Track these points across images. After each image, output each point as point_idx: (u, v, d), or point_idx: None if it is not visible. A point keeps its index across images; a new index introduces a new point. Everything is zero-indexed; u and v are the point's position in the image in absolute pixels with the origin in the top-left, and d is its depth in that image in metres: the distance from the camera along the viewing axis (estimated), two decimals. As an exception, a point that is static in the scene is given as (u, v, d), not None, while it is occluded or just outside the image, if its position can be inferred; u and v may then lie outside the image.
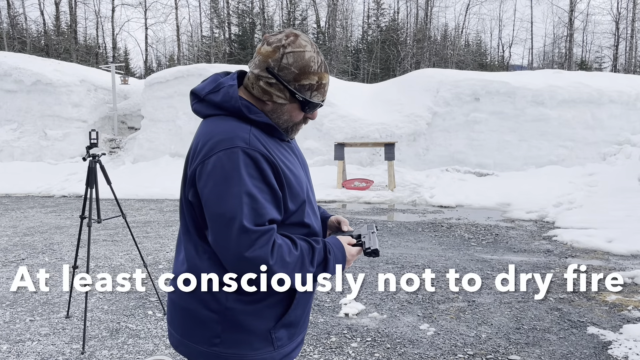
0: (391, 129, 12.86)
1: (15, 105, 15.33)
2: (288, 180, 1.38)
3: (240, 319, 1.38)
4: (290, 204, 1.39)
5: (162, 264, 5.63)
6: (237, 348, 1.38)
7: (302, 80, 1.36)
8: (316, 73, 1.37)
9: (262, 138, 1.37)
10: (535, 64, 40.78)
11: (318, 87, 1.39)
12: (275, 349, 1.42)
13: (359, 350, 3.40)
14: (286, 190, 1.37)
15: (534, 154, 12.14)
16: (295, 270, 1.33)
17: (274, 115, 1.42)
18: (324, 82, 1.40)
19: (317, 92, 1.40)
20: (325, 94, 1.43)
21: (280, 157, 1.38)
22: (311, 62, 1.37)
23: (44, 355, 3.35)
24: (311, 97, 1.39)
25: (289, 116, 1.42)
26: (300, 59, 1.35)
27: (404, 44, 37.11)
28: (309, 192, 1.48)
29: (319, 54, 1.40)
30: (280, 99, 1.39)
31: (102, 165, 3.89)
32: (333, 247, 1.42)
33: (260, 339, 1.40)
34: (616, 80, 13.24)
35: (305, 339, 1.62)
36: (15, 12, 32.43)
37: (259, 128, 1.39)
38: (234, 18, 36.79)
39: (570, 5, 33.92)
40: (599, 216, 7.71)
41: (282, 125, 1.44)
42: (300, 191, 1.42)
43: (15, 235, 7.26)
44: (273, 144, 1.40)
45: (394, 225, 7.98)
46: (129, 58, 40.11)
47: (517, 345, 3.48)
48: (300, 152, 1.60)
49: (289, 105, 1.40)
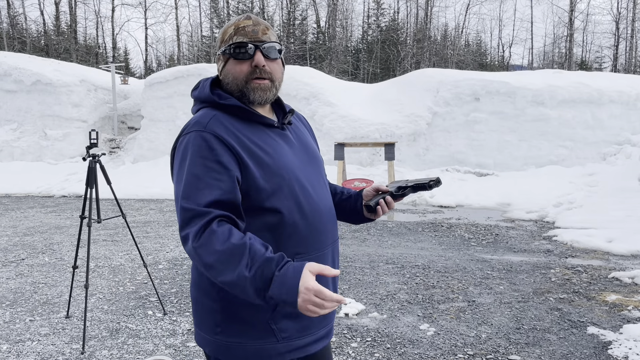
0: (391, 129, 12.86)
1: (15, 105, 15.33)
2: (258, 160, 1.35)
3: (237, 309, 1.38)
4: (264, 183, 1.34)
5: (162, 264, 5.63)
6: (237, 337, 1.38)
7: (224, 38, 1.43)
8: (232, 24, 1.43)
9: (230, 122, 1.38)
10: (535, 64, 40.82)
11: (236, 32, 1.40)
12: (280, 340, 1.38)
13: (359, 350, 3.40)
14: (253, 169, 1.33)
15: (534, 154, 12.14)
16: (226, 263, 1.21)
17: (228, 84, 1.44)
18: (242, 25, 1.41)
19: (236, 35, 1.40)
20: (252, 35, 1.40)
21: (250, 139, 1.37)
22: (230, 22, 1.44)
23: (44, 355, 3.35)
24: (233, 42, 1.40)
25: (232, 74, 1.42)
26: (224, 27, 1.46)
27: (404, 44, 37.12)
28: (298, 178, 1.42)
29: (249, 14, 1.46)
30: (220, 65, 1.45)
31: (102, 165, 3.89)
32: (289, 266, 1.20)
33: (259, 329, 1.38)
34: (616, 80, 13.23)
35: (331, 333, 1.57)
36: (15, 12, 32.44)
37: (231, 113, 1.41)
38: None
39: (570, 5, 33.93)
40: (599, 216, 7.71)
41: (235, 89, 1.43)
42: (281, 173, 1.37)
43: (15, 235, 7.26)
44: (248, 128, 1.40)
45: (394, 225, 7.98)
46: (129, 58, 40.15)
47: (517, 345, 3.48)
48: (306, 141, 1.57)
49: (226, 65, 1.43)
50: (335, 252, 1.54)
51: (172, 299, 4.44)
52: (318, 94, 13.36)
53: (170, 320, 3.95)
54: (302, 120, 1.67)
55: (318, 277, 1.33)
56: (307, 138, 1.58)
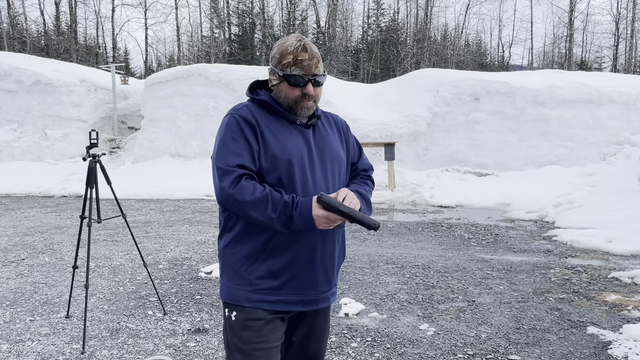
0: (391, 129, 12.86)
1: (15, 105, 15.33)
2: (267, 142, 1.70)
3: (226, 259, 1.79)
4: (264, 162, 1.69)
5: (162, 264, 5.63)
6: (227, 280, 1.79)
7: (282, 61, 1.72)
8: (292, 53, 1.71)
9: (257, 112, 1.75)
10: (535, 64, 40.81)
11: (295, 63, 1.70)
12: (254, 291, 1.73)
13: (359, 350, 3.40)
14: (262, 148, 1.69)
15: (534, 154, 12.14)
16: (256, 209, 1.61)
17: (278, 96, 1.77)
18: (300, 58, 1.70)
19: (295, 67, 1.70)
20: (307, 69, 1.71)
21: (269, 127, 1.72)
22: (289, 47, 1.71)
23: (44, 355, 3.35)
24: (291, 71, 1.71)
25: (285, 93, 1.75)
26: (281, 46, 1.74)
27: (404, 44, 37.11)
28: (301, 166, 1.71)
29: (301, 41, 1.72)
30: (274, 81, 1.78)
31: (102, 165, 3.89)
32: (301, 204, 1.62)
33: (240, 276, 1.75)
34: (616, 81, 13.23)
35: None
36: (15, 12, 32.43)
37: (260, 106, 1.78)
38: (234, 18, 36.79)
39: (570, 5, 33.91)
40: (599, 216, 7.71)
41: (285, 104, 1.76)
42: (282, 156, 1.69)
43: (15, 235, 7.26)
44: (270, 119, 1.75)
45: (394, 225, 7.98)
46: (129, 58, 40.12)
47: (517, 345, 3.48)
48: (327, 142, 1.83)
49: (281, 84, 1.75)
50: (328, 241, 1.77)
51: (172, 299, 4.45)
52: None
53: (170, 320, 3.95)
54: (338, 123, 1.96)
55: (308, 264, 1.74)
56: (330, 139, 1.85)
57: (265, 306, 1.74)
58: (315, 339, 1.91)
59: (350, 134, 1.98)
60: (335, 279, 1.87)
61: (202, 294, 4.59)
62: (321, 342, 1.93)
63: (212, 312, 4.11)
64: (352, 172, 1.98)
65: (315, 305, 1.81)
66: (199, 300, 4.42)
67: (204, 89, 14.17)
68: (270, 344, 1.74)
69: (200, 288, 4.76)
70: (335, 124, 1.94)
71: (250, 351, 1.72)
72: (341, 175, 1.86)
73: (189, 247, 6.50)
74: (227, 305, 1.80)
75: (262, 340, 1.73)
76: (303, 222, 1.61)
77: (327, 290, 1.83)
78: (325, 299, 1.84)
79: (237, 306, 1.76)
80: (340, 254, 1.89)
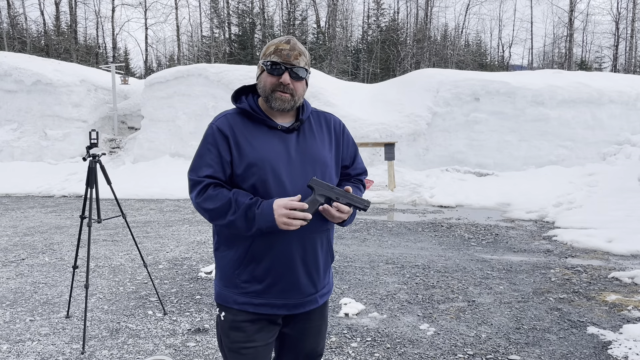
0: (391, 129, 12.86)
1: (15, 105, 15.32)
2: (242, 151, 1.73)
3: (218, 261, 1.85)
4: (240, 170, 1.74)
5: (162, 264, 5.63)
6: (218, 281, 1.86)
7: (266, 52, 1.77)
8: (275, 44, 1.75)
9: (235, 120, 1.79)
10: (535, 64, 40.79)
11: (275, 51, 1.74)
12: (240, 293, 1.79)
13: (359, 350, 3.40)
14: (236, 157, 1.74)
15: (534, 154, 12.13)
16: (219, 217, 1.70)
17: (259, 89, 1.80)
18: (280, 47, 1.73)
19: (275, 55, 1.73)
20: (285, 57, 1.72)
21: (245, 135, 1.76)
22: (274, 41, 1.77)
23: (44, 355, 3.35)
24: (270, 59, 1.74)
25: (263, 82, 1.77)
26: (268, 42, 1.79)
27: (404, 44, 37.10)
28: (276, 170, 1.72)
29: (289, 37, 1.77)
30: (258, 72, 1.82)
31: (102, 165, 3.89)
32: (264, 204, 1.66)
33: (228, 279, 1.81)
34: (616, 81, 13.23)
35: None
36: (15, 12, 32.43)
37: (242, 114, 1.81)
38: (234, 18, 36.76)
39: (570, 5, 33.90)
40: (599, 216, 7.71)
41: (263, 95, 1.78)
42: (256, 163, 1.71)
43: (15, 235, 7.26)
44: (249, 127, 1.78)
45: (394, 225, 7.98)
46: (129, 58, 40.09)
47: (517, 345, 3.48)
48: (310, 145, 1.81)
49: (262, 74, 1.79)
50: (308, 247, 1.78)
51: (172, 299, 4.45)
52: (318, 94, 13.35)
53: (170, 320, 3.95)
54: (330, 123, 1.92)
55: (288, 269, 1.76)
56: (315, 143, 1.83)
57: (251, 309, 1.78)
58: (312, 335, 1.92)
59: (343, 134, 1.94)
60: (323, 280, 1.87)
61: (202, 294, 4.59)
62: (318, 338, 1.94)
63: (212, 312, 4.11)
64: (345, 176, 1.96)
65: (302, 308, 1.83)
66: (199, 300, 4.42)
67: (204, 89, 14.16)
68: (257, 343, 1.80)
69: (200, 288, 4.76)
70: (326, 124, 1.91)
71: (238, 349, 1.80)
72: (324, 179, 1.84)
73: (189, 247, 6.50)
74: (218, 305, 1.87)
75: (248, 340, 1.78)
76: (264, 221, 1.63)
77: (313, 293, 1.84)
78: (312, 302, 1.85)
79: (226, 307, 1.83)
80: (328, 256, 1.88)
